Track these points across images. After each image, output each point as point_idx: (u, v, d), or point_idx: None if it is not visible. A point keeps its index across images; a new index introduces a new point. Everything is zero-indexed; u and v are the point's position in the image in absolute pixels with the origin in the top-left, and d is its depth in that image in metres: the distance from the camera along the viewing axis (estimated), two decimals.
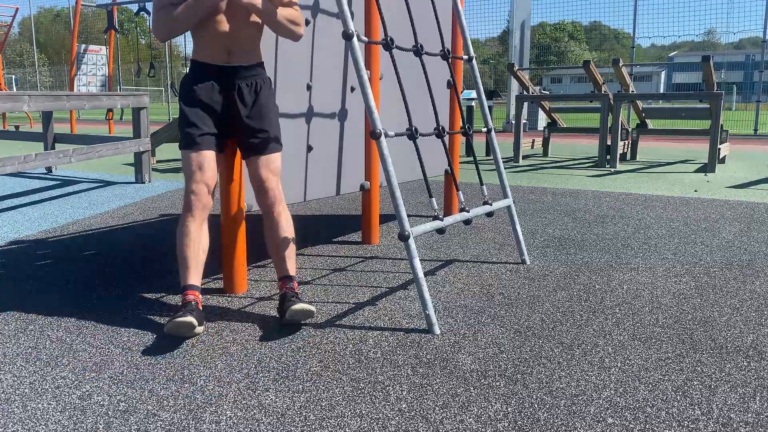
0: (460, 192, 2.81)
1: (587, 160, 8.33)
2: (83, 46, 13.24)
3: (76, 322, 2.35)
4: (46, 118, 6.59)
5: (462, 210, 2.75)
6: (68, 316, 2.41)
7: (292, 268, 2.44)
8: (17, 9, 13.30)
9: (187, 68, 2.49)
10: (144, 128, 5.94)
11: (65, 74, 29.22)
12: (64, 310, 2.48)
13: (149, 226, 4.13)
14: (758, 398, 1.74)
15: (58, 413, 1.67)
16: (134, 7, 12.06)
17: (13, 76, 28.93)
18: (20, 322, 2.35)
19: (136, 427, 1.60)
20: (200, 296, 2.29)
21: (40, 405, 1.72)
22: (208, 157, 2.36)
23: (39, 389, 1.81)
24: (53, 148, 6.55)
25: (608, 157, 7.52)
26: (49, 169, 6.96)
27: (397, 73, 2.55)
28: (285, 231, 2.44)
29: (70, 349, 2.10)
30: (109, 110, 13.10)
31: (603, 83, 7.91)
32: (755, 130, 13.72)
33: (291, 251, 2.46)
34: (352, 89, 3.50)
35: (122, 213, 4.56)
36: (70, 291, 2.73)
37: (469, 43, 3.24)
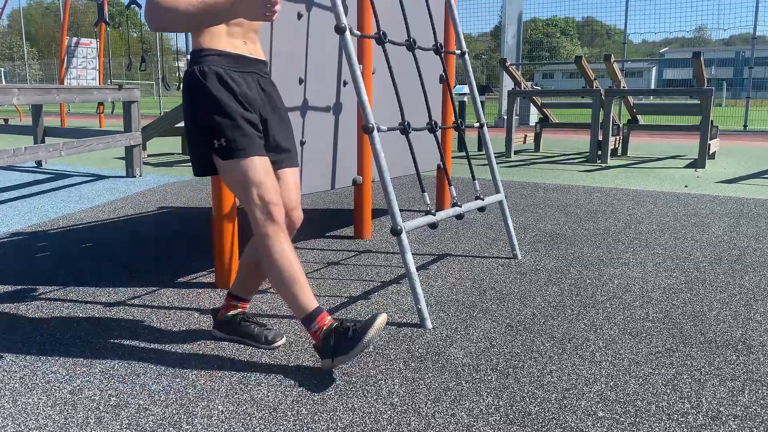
0: (453, 187, 2.81)
1: (578, 156, 8.36)
2: (74, 39, 13.12)
3: (67, 316, 2.34)
4: (36, 111, 6.54)
5: (454, 205, 2.75)
6: (58, 311, 2.39)
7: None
8: (6, 1, 13.15)
9: (195, 57, 1.92)
10: (135, 122, 5.90)
11: (55, 67, 28.99)
12: (54, 304, 2.46)
13: (140, 220, 4.11)
14: (747, 391, 1.75)
15: (49, 408, 1.66)
16: (125, 0, 11.96)
17: (2, 69, 28.68)
18: (9, 317, 2.33)
19: (127, 421, 1.60)
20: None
21: (30, 400, 1.71)
22: (269, 162, 1.93)
23: (29, 384, 1.80)
24: (43, 141, 6.50)
25: (599, 152, 7.54)
26: (39, 163, 6.91)
27: (389, 67, 2.55)
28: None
29: (61, 343, 2.09)
30: (100, 104, 13.01)
31: (594, 79, 7.93)
32: (745, 125, 13.79)
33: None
34: (345, 83, 3.50)
35: (113, 207, 4.53)
36: (59, 285, 2.71)
37: (462, 37, 3.24)
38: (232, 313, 2.12)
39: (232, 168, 1.86)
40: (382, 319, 1.80)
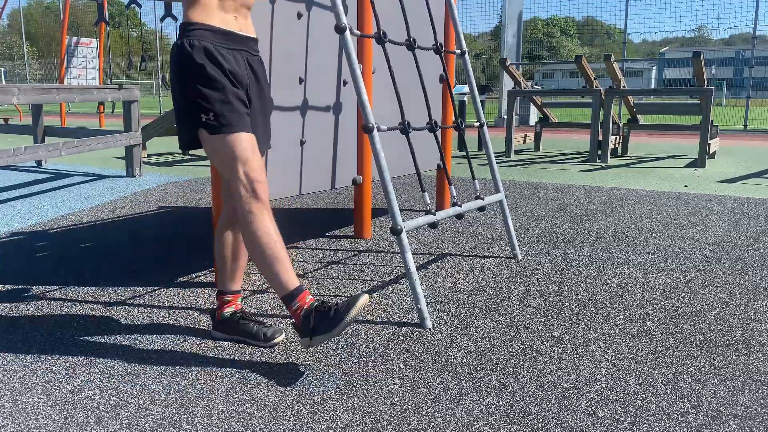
0: (453, 186, 2.81)
1: (578, 156, 8.36)
2: (74, 38, 13.12)
3: (67, 315, 2.34)
4: (36, 111, 6.54)
5: (454, 204, 2.75)
6: (58, 310, 2.39)
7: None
8: (6, 0, 13.15)
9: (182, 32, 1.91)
10: (135, 122, 5.90)
11: (55, 67, 28.97)
12: (53, 304, 2.46)
13: (140, 220, 4.11)
14: (747, 391, 1.75)
15: (49, 407, 1.66)
16: (125, 0, 11.95)
17: (2, 69, 28.66)
18: (9, 316, 2.33)
19: (127, 421, 1.60)
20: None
21: (30, 399, 1.71)
22: (255, 139, 1.94)
23: (29, 383, 1.80)
24: (43, 141, 6.50)
25: (599, 152, 7.54)
26: (39, 163, 6.91)
27: (389, 67, 2.54)
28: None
29: (61, 343, 2.09)
30: (101, 103, 13.01)
31: (594, 78, 7.92)
32: (745, 125, 13.80)
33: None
34: (345, 83, 3.50)
35: (113, 207, 4.53)
36: (59, 284, 2.71)
37: (462, 37, 3.23)
38: (228, 310, 2.12)
39: (219, 143, 1.86)
40: (364, 299, 1.81)
